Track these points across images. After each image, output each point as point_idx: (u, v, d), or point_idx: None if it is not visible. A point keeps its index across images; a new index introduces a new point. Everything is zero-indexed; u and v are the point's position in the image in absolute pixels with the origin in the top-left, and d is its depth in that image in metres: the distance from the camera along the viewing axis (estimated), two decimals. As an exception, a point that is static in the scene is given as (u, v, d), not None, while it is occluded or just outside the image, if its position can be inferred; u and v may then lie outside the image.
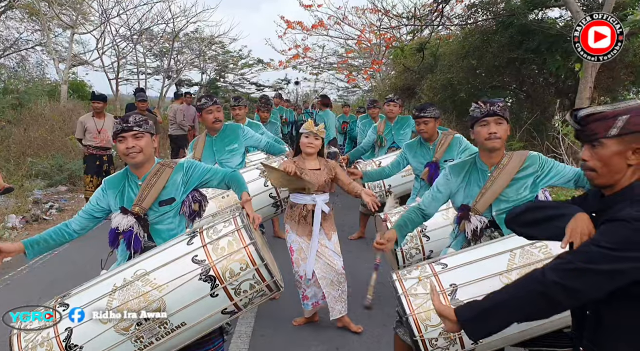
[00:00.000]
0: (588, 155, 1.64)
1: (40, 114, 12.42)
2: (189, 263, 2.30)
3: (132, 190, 2.67)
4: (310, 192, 3.85)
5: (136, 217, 2.60)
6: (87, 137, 7.37)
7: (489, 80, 11.53)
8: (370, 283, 2.77)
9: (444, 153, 4.40)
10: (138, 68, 23.53)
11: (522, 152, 2.85)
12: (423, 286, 2.46)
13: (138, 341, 2.27)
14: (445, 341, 2.38)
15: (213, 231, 2.40)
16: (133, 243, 2.59)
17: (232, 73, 29.72)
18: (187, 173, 2.72)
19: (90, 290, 2.39)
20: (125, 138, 2.59)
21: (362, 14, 20.85)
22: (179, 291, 2.27)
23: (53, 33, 17.82)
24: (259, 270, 2.30)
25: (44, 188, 9.36)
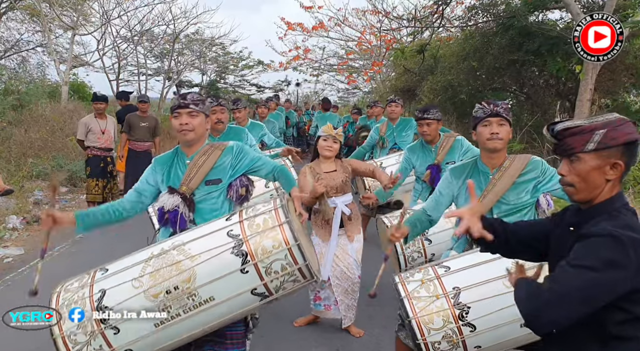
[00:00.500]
0: (566, 170, 1.61)
1: (41, 115, 12.42)
2: (224, 236, 2.30)
3: (179, 168, 2.69)
4: (328, 194, 3.83)
5: (182, 196, 2.61)
6: (90, 138, 7.36)
7: (489, 81, 11.55)
8: (379, 273, 2.78)
9: (445, 155, 4.38)
10: (139, 69, 23.55)
11: (525, 156, 2.85)
12: (426, 289, 2.47)
13: (166, 310, 2.26)
14: (448, 344, 2.39)
15: (252, 209, 2.40)
16: (179, 222, 2.59)
17: (233, 74, 29.73)
18: (236, 157, 2.72)
19: (130, 257, 2.43)
20: (180, 115, 2.62)
21: (363, 15, 20.88)
22: (210, 263, 2.26)
23: (54, 34, 17.83)
24: (291, 250, 2.25)
25: (45, 189, 9.35)
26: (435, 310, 2.41)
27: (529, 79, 11.86)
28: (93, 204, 7.38)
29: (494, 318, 2.34)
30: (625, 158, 1.56)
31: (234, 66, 29.18)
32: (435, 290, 2.46)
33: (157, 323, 2.27)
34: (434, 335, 2.37)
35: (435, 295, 2.44)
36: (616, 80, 10.00)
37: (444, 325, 2.37)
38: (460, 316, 2.37)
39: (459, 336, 2.37)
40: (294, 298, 4.35)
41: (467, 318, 2.37)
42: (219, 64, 28.49)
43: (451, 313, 2.38)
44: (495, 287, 2.37)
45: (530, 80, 11.86)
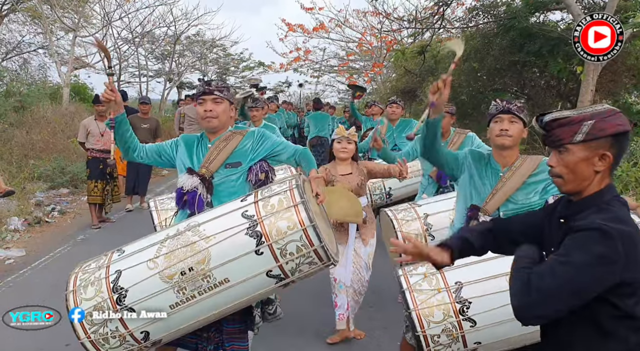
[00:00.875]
0: (555, 161, 1.61)
1: (42, 117, 12.43)
2: (239, 217, 2.30)
3: (201, 151, 2.74)
4: None
5: (201, 178, 2.64)
6: (90, 140, 7.36)
7: (490, 83, 11.54)
8: (422, 119, 2.77)
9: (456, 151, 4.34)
10: (140, 71, 23.59)
11: (537, 157, 2.85)
12: (428, 283, 2.49)
13: (181, 292, 2.27)
14: (448, 338, 2.40)
15: (267, 190, 2.40)
16: (197, 204, 2.62)
17: (234, 76, 29.80)
18: (257, 141, 2.75)
19: (146, 239, 2.46)
20: (205, 101, 2.66)
21: (363, 16, 20.90)
22: (225, 244, 2.26)
23: (55, 36, 17.87)
24: (306, 231, 2.22)
25: (46, 191, 9.37)
26: (436, 303, 2.42)
27: (530, 80, 11.85)
28: (94, 206, 7.40)
29: (495, 315, 2.34)
30: (614, 150, 1.55)
31: (235, 67, 29.27)
32: (437, 284, 2.47)
33: (172, 304, 2.27)
34: (433, 328, 2.38)
35: (437, 288, 2.45)
36: (617, 81, 9.99)
37: (444, 318, 2.39)
38: (461, 311, 2.38)
39: (458, 330, 2.38)
40: (296, 300, 4.37)
41: (467, 313, 2.38)
42: (220, 66, 28.57)
43: (452, 307, 2.40)
44: (498, 284, 2.36)
45: (531, 81, 11.85)
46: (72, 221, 7.87)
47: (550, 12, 10.99)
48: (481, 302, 2.37)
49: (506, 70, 11.18)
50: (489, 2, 11.54)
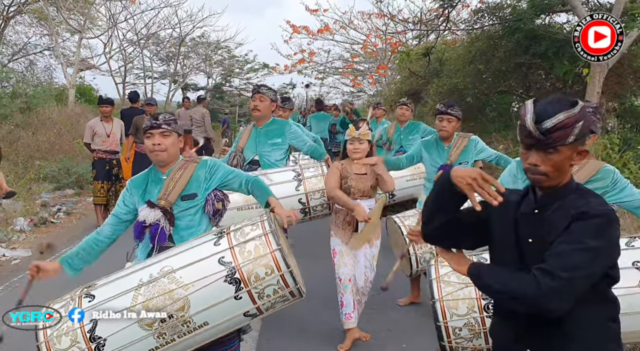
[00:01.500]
0: (539, 160, 1.62)
1: (48, 118, 12.51)
2: (215, 264, 2.32)
3: (155, 185, 2.70)
4: (354, 196, 3.81)
5: (163, 210, 2.62)
6: (96, 141, 7.39)
7: (495, 85, 11.50)
8: (393, 269, 2.78)
9: (459, 155, 4.31)
10: (145, 72, 23.70)
11: (597, 163, 2.80)
12: (457, 276, 2.49)
13: (160, 337, 2.30)
14: (469, 332, 2.42)
15: (240, 233, 2.41)
16: (159, 237, 2.61)
17: (238, 77, 29.94)
18: (210, 170, 2.74)
19: (117, 283, 2.41)
20: (153, 135, 2.63)
21: (368, 18, 20.95)
22: (204, 292, 2.29)
23: (61, 37, 17.97)
24: (283, 276, 2.31)
25: (52, 192, 9.41)
26: (462, 296, 2.45)
27: (536, 82, 11.81)
28: (100, 207, 7.42)
29: None
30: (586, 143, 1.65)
31: (240, 69, 29.38)
32: (466, 278, 2.46)
33: (151, 348, 2.31)
34: (456, 321, 2.41)
35: (466, 283, 2.45)
36: (623, 83, 9.94)
37: (468, 313, 2.41)
38: (486, 308, 2.40)
39: (481, 326, 2.39)
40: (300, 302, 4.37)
41: (492, 311, 2.37)
42: (225, 67, 28.69)
43: (477, 303, 2.42)
44: None
45: (537, 83, 11.81)
46: (77, 222, 7.89)
47: (556, 14, 10.95)
48: None
49: (511, 72, 11.13)
50: (494, 4, 11.51)
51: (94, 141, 7.41)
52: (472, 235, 1.85)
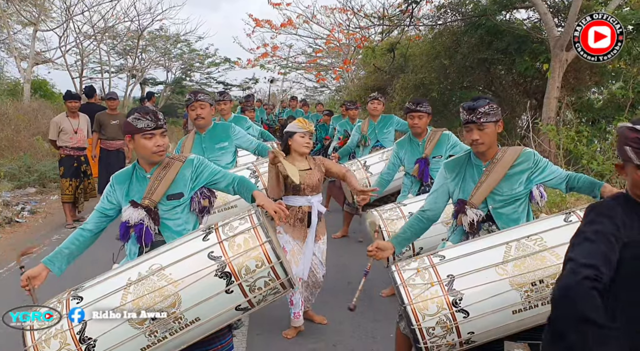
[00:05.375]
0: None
1: (3, 114, 12.02)
2: (205, 259, 2.32)
3: (139, 184, 2.66)
4: (304, 192, 3.81)
5: (146, 210, 2.59)
6: (62, 138, 7.15)
7: (459, 80, 11.76)
8: (359, 288, 2.82)
9: (433, 149, 4.48)
10: (102, 67, 23.04)
11: (517, 148, 2.91)
12: (421, 277, 2.52)
13: (152, 335, 2.29)
14: (442, 329, 2.44)
15: (229, 228, 2.41)
16: (144, 236, 2.58)
17: (199, 72, 29.45)
18: (196, 170, 2.72)
19: (105, 284, 2.39)
20: (155, 136, 2.59)
21: (331, 13, 20.96)
22: (195, 287, 2.29)
23: (12, 30, 17.24)
24: (274, 268, 2.34)
25: (12, 190, 9.07)
26: (429, 296, 2.46)
27: (498, 78, 12.14)
28: (68, 205, 7.22)
29: (487, 305, 2.41)
30: None
31: (200, 63, 28.88)
32: (430, 278, 2.51)
33: (143, 347, 2.30)
34: (428, 321, 2.42)
35: (430, 282, 2.49)
36: (580, 79, 10.34)
37: (438, 311, 2.43)
38: (454, 303, 2.43)
39: (452, 322, 2.43)
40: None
41: (460, 305, 2.43)
42: (185, 61, 28.15)
43: (445, 300, 2.44)
44: (488, 275, 2.45)
45: (499, 78, 12.14)
46: (43, 221, 7.66)
47: (517, 10, 11.27)
48: (473, 293, 2.44)
49: (475, 68, 11.40)
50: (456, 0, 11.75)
51: (61, 138, 7.18)
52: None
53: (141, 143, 2.59)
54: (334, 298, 4.62)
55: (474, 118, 2.70)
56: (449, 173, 2.93)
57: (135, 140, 2.60)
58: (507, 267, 2.45)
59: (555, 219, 2.64)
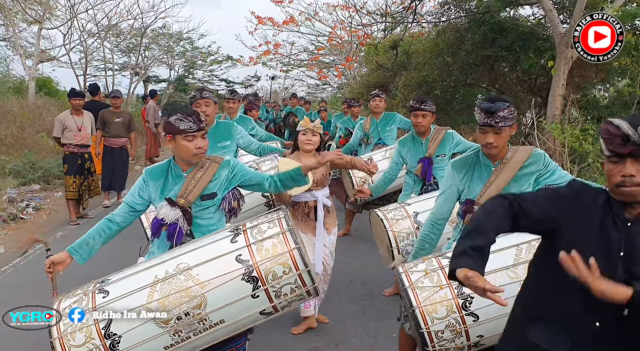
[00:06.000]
0: (635, 170, 1.60)
1: (8, 111, 12.04)
2: (233, 261, 2.31)
3: (175, 182, 2.68)
4: (309, 188, 3.81)
5: (182, 209, 2.60)
6: (66, 135, 7.17)
7: (463, 77, 11.69)
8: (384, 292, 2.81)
9: (436, 148, 4.43)
10: (105, 64, 23.07)
11: (527, 148, 2.87)
12: (430, 280, 2.49)
13: (176, 335, 2.28)
14: (451, 333, 2.42)
15: (257, 231, 2.39)
16: (177, 236, 2.59)
17: (201, 69, 29.44)
18: (232, 170, 2.74)
19: (131, 279, 2.38)
20: (196, 137, 2.60)
21: (333, 10, 20.93)
22: (221, 290, 2.28)
23: (18, 28, 17.27)
24: (301, 275, 2.31)
25: (17, 187, 9.09)
26: (438, 299, 2.44)
27: (502, 75, 12.07)
28: (72, 202, 7.24)
29: (496, 308, 2.34)
30: None
31: (203, 61, 28.87)
32: (439, 281, 2.48)
33: (167, 345, 2.30)
34: (437, 324, 2.40)
35: (439, 285, 2.46)
36: (586, 76, 10.26)
37: (447, 314, 2.41)
38: (464, 306, 2.40)
39: (462, 325, 2.40)
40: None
41: (470, 308, 2.40)
42: (187, 59, 28.15)
43: (454, 303, 2.41)
44: (498, 278, 2.41)
45: (503, 75, 12.07)
46: (47, 217, 7.67)
47: (522, 6, 11.20)
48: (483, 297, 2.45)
49: (478, 65, 11.33)
50: (460, -4, 11.69)
51: (65, 135, 7.20)
52: (532, 226, 1.79)
53: (182, 145, 2.61)
54: (336, 297, 4.62)
55: (492, 122, 2.63)
56: (457, 173, 2.89)
57: (176, 140, 2.61)
58: (518, 270, 2.42)
59: None
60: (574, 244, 1.62)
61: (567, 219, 1.71)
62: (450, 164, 2.99)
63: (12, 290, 4.80)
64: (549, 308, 1.78)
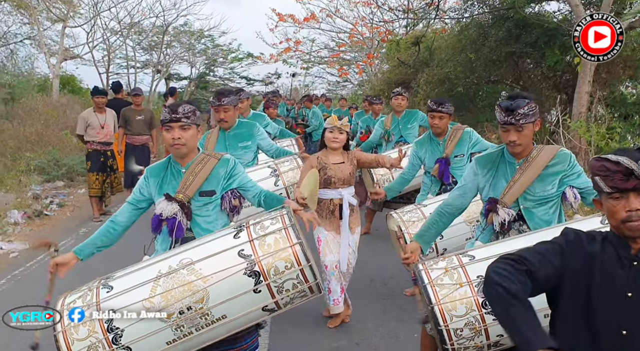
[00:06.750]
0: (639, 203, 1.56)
1: (33, 109, 12.24)
2: (235, 256, 2.32)
3: (174, 177, 2.69)
4: (335, 185, 3.88)
5: (180, 204, 2.61)
6: (89, 132, 7.26)
7: (486, 74, 11.54)
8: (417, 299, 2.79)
9: (454, 148, 4.37)
10: (128, 62, 23.33)
11: (553, 147, 2.81)
12: (450, 277, 2.47)
13: (178, 329, 2.29)
14: (471, 331, 2.39)
15: (260, 227, 2.41)
16: (176, 230, 2.60)
17: (222, 67, 29.55)
18: (231, 170, 2.73)
19: (135, 275, 2.40)
20: (172, 128, 2.60)
21: (355, 6, 20.83)
22: (223, 284, 2.29)
23: (42, 26, 17.54)
24: (303, 271, 2.32)
25: (41, 184, 9.24)
26: (458, 297, 2.41)
27: (526, 72, 11.89)
28: (95, 199, 7.33)
29: None
30: None
31: (223, 58, 28.99)
32: (459, 278, 2.45)
33: (169, 341, 2.31)
34: (456, 322, 2.37)
35: (459, 283, 2.44)
36: (613, 72, 10.05)
37: (467, 312, 2.38)
38: (484, 304, 2.37)
39: (481, 324, 2.37)
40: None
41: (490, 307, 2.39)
42: (208, 57, 28.28)
43: (474, 301, 2.38)
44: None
45: (527, 72, 11.89)
46: (71, 214, 7.78)
47: (547, 2, 11.03)
48: None
49: (502, 62, 11.18)
50: (484, -8, 11.53)
51: (88, 133, 7.29)
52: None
53: (163, 135, 2.67)
54: (357, 296, 4.57)
55: (513, 120, 2.59)
56: (480, 169, 2.85)
57: (162, 132, 2.66)
58: None
59: (591, 221, 2.55)
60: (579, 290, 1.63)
61: (569, 269, 1.67)
62: (474, 160, 2.95)
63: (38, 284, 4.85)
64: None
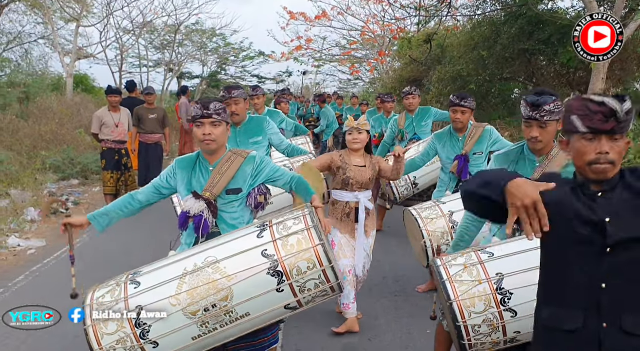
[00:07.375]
0: (609, 147, 1.60)
1: (48, 108, 12.39)
2: (259, 256, 2.36)
3: (202, 175, 2.73)
4: (353, 189, 3.84)
5: (207, 202, 2.65)
6: (104, 131, 7.35)
7: (499, 71, 11.49)
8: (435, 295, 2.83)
9: (474, 145, 4.34)
10: (140, 61, 23.52)
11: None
12: (469, 274, 2.47)
13: (203, 326, 2.36)
14: (489, 328, 2.39)
15: (283, 227, 2.44)
16: (202, 228, 2.65)
17: (234, 65, 29.65)
18: (257, 167, 2.76)
19: (162, 271, 2.45)
20: (204, 124, 2.63)
21: (366, 4, 20.79)
22: (247, 283, 2.33)
23: (56, 26, 17.73)
24: (325, 271, 2.36)
25: (57, 182, 9.36)
26: (477, 294, 2.41)
27: (539, 69, 11.82)
28: (110, 197, 7.40)
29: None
30: None
31: (235, 57, 29.08)
32: (479, 275, 2.46)
33: (194, 336, 2.37)
34: (474, 319, 2.38)
35: (478, 280, 2.44)
36: (627, 69, 9.98)
37: (485, 309, 2.38)
38: (502, 302, 2.37)
39: (499, 321, 2.38)
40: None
41: (509, 304, 2.37)
42: (220, 55, 28.39)
43: (493, 298, 2.39)
44: (531, 277, 2.32)
45: (541, 70, 11.82)
46: (86, 212, 7.78)
47: (560, -1, 10.95)
48: (522, 293, 2.36)
49: (515, 59, 11.13)
50: (496, -11, 11.48)
51: (102, 131, 7.37)
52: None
53: (194, 131, 2.70)
54: (369, 293, 4.61)
55: (538, 115, 2.57)
56: (499, 166, 2.84)
57: (194, 129, 2.71)
58: None
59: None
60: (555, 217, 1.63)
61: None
62: (493, 157, 2.94)
63: (56, 281, 4.93)
64: (556, 287, 1.77)
